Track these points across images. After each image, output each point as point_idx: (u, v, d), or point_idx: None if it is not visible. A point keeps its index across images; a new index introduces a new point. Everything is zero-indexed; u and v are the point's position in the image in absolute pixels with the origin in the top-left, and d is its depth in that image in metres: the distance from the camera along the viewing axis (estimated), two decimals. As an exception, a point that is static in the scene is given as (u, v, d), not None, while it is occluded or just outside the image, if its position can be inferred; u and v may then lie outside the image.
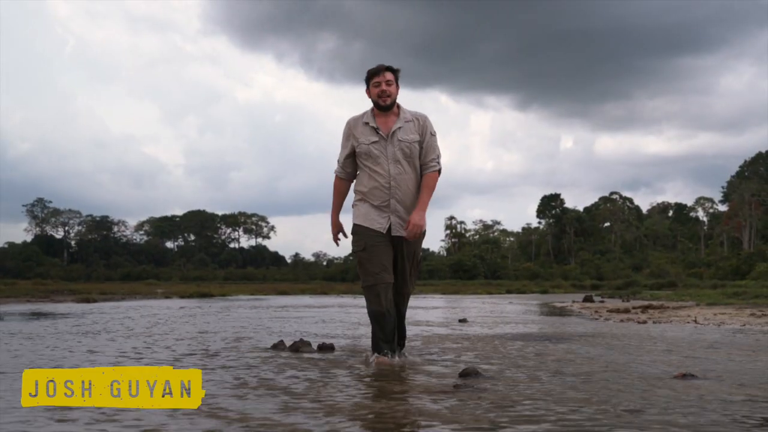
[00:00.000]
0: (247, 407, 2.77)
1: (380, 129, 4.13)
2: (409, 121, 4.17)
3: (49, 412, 2.63)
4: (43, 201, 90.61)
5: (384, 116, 4.17)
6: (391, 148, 4.11)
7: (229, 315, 11.02)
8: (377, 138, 4.13)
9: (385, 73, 4.14)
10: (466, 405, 2.79)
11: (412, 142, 4.13)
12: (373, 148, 4.12)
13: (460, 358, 4.57)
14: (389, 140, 4.11)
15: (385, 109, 4.14)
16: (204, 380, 3.39)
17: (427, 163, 4.19)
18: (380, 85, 4.12)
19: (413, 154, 4.14)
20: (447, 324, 8.70)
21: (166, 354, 4.82)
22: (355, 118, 4.25)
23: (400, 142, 4.11)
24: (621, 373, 3.81)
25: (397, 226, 4.13)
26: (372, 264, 4.10)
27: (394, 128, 4.12)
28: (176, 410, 2.63)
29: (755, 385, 3.42)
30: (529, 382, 3.49)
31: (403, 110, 4.22)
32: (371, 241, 4.12)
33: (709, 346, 5.60)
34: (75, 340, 5.95)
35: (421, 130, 4.17)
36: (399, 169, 4.11)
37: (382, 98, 4.12)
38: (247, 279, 69.44)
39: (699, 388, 3.25)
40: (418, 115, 4.22)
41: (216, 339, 6.08)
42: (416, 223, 4.08)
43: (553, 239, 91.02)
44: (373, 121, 4.16)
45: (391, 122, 4.16)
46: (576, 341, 5.95)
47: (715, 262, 60.93)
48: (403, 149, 4.11)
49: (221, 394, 3.10)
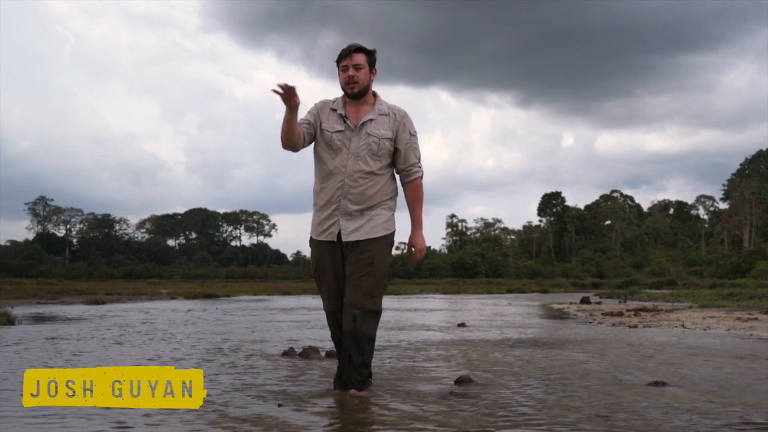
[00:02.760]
0: (259, 410, 3.17)
1: (349, 118, 3.58)
2: (384, 115, 3.62)
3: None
4: (45, 199, 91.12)
5: (355, 105, 3.62)
6: (356, 142, 3.56)
7: (237, 319, 11.43)
8: (343, 127, 3.58)
9: (354, 56, 3.53)
10: (459, 410, 3.19)
11: (383, 138, 3.57)
12: (336, 137, 3.57)
13: (457, 365, 4.98)
14: (356, 132, 3.56)
15: (353, 97, 3.57)
16: (223, 385, 3.80)
17: (408, 170, 3.67)
18: (347, 69, 3.54)
19: (381, 152, 3.57)
20: (446, 328, 9.10)
21: (182, 359, 5.23)
22: (325, 102, 3.70)
23: (369, 136, 3.56)
24: (600, 381, 4.20)
25: (348, 231, 3.56)
26: (323, 287, 3.68)
27: (365, 119, 3.57)
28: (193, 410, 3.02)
29: (721, 392, 3.80)
30: (518, 388, 3.88)
31: (380, 101, 3.66)
32: (322, 258, 3.64)
33: (691, 352, 5.98)
34: (114, 342, 6.35)
35: (396, 127, 3.62)
36: (358, 165, 3.54)
37: (348, 85, 3.54)
38: (248, 277, 69.90)
39: (668, 395, 3.65)
40: (395, 109, 3.66)
41: (230, 345, 6.48)
42: (421, 246, 3.68)
43: (554, 237, 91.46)
44: (343, 109, 3.61)
45: (363, 112, 3.60)
46: (565, 348, 6.33)
47: (715, 260, 61.22)
48: (371, 145, 3.55)
49: (245, 404, 3.49)
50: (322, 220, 3.62)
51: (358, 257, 3.54)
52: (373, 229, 3.57)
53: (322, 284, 3.67)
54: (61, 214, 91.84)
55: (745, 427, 2.90)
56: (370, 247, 3.54)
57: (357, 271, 3.53)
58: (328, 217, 3.59)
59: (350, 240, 3.55)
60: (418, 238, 3.68)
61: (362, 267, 3.52)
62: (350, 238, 3.55)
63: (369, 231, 3.56)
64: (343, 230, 3.55)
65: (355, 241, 3.55)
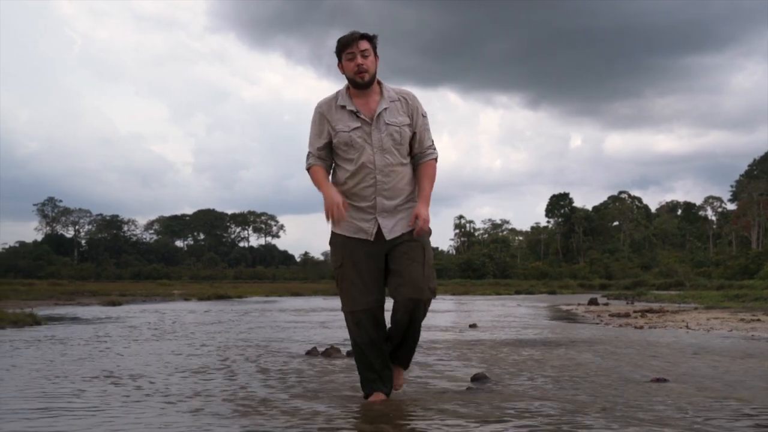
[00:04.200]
0: (301, 404, 3.52)
1: (361, 112, 3.42)
2: (395, 101, 3.47)
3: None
4: (53, 200, 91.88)
5: (363, 96, 3.44)
6: (377, 135, 3.40)
7: (256, 320, 11.79)
8: (359, 123, 3.41)
9: (360, 42, 3.38)
10: (477, 403, 3.52)
11: (402, 125, 3.43)
12: (355, 135, 3.39)
13: (471, 363, 5.32)
14: (374, 124, 3.40)
15: (364, 86, 3.41)
16: (257, 384, 4.16)
17: (424, 152, 3.55)
18: (355, 57, 3.38)
19: (403, 140, 3.44)
20: (459, 329, 9.44)
21: (215, 359, 5.59)
22: (327, 101, 3.50)
23: (389, 126, 3.41)
24: (606, 377, 4.54)
25: (388, 228, 3.44)
26: (349, 284, 3.47)
27: (379, 110, 3.41)
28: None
29: (716, 388, 4.13)
30: (530, 384, 4.22)
31: (386, 88, 3.51)
32: (351, 255, 3.46)
33: (693, 352, 6.30)
34: (158, 342, 6.73)
35: (411, 111, 3.49)
36: (387, 159, 3.40)
37: (359, 74, 3.37)
38: (257, 278, 70.39)
39: (667, 391, 3.97)
40: (403, 92, 3.53)
41: (258, 344, 6.84)
42: (424, 216, 3.42)
43: (562, 238, 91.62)
44: (351, 103, 3.43)
45: (374, 103, 3.44)
46: (574, 347, 6.66)
47: (723, 261, 61.30)
48: (393, 135, 3.41)
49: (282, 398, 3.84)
50: (353, 217, 3.43)
51: (407, 249, 3.43)
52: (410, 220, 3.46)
53: (349, 282, 3.45)
54: (69, 215, 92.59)
55: (738, 417, 3.22)
56: (416, 238, 3.45)
57: (410, 262, 3.42)
58: (362, 216, 3.43)
59: (394, 236, 3.43)
60: (423, 209, 3.44)
61: (414, 257, 3.43)
62: (394, 234, 3.43)
63: (407, 224, 3.45)
64: (384, 228, 3.41)
65: (399, 236, 3.44)
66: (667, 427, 2.96)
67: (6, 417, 3.22)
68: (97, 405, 3.52)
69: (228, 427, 2.96)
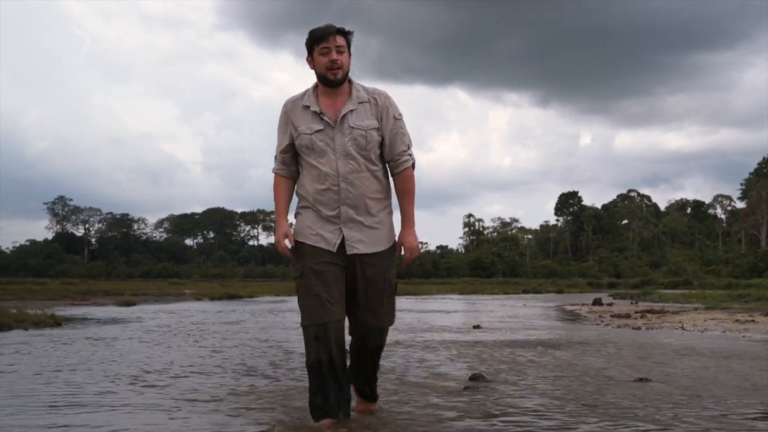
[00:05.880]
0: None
1: (325, 113, 3.18)
2: (363, 102, 3.22)
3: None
4: (64, 199, 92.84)
5: (331, 96, 3.21)
6: (340, 139, 3.17)
7: (269, 321, 12.22)
8: (321, 125, 3.18)
9: (336, 37, 3.15)
10: (473, 401, 3.91)
11: (369, 129, 3.18)
12: (316, 138, 3.17)
13: (471, 364, 5.70)
14: (338, 127, 3.17)
15: (335, 84, 3.17)
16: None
17: (397, 159, 3.28)
18: (329, 52, 3.13)
19: (370, 145, 3.19)
20: (462, 330, 9.83)
21: (236, 362, 6.01)
22: (293, 100, 3.29)
23: (353, 130, 3.17)
24: (594, 377, 4.91)
25: (353, 241, 3.19)
26: (308, 297, 3.18)
27: (344, 111, 3.18)
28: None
29: (695, 387, 4.49)
30: (522, 384, 4.60)
31: (356, 87, 3.25)
32: (312, 265, 3.18)
33: (681, 352, 6.65)
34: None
35: (380, 114, 3.23)
36: (351, 165, 3.17)
37: (332, 70, 3.13)
38: (266, 277, 70.86)
39: (648, 390, 4.34)
40: (375, 93, 3.27)
41: (277, 347, 7.25)
42: (412, 245, 3.27)
43: (571, 237, 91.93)
44: (316, 104, 3.21)
45: (340, 103, 3.20)
46: (569, 348, 7.03)
47: (732, 259, 61.46)
48: (357, 139, 3.16)
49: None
50: (314, 225, 3.22)
51: (369, 273, 3.22)
52: (379, 239, 3.25)
53: (311, 294, 3.16)
54: (79, 214, 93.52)
55: (702, 414, 3.58)
56: (380, 262, 3.24)
57: (370, 288, 3.23)
58: (325, 225, 3.20)
59: (355, 252, 3.19)
60: (409, 236, 3.29)
61: (374, 282, 3.23)
62: (356, 250, 3.19)
63: (375, 242, 3.24)
64: (348, 240, 3.18)
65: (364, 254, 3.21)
66: (638, 421, 3.34)
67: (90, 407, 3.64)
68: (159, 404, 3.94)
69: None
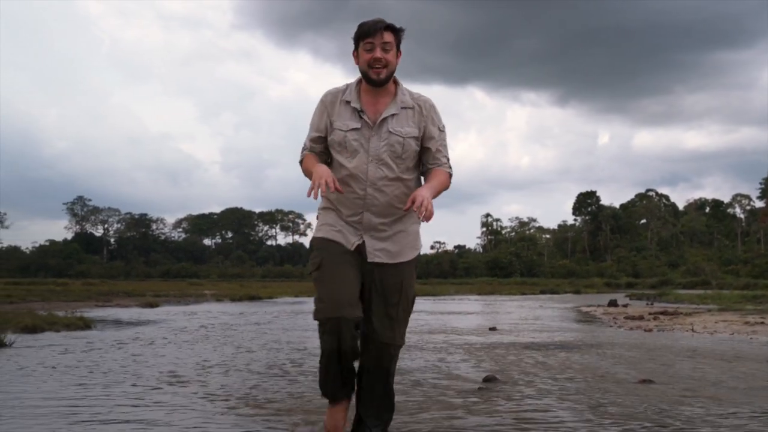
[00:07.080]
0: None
1: (365, 112, 3.00)
2: (407, 108, 3.02)
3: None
4: (83, 199, 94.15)
5: (373, 95, 3.01)
6: (376, 142, 2.97)
7: (291, 323, 12.60)
8: (359, 124, 2.99)
9: (384, 33, 2.94)
10: (486, 401, 4.23)
11: (407, 137, 2.99)
12: (350, 137, 2.98)
13: (486, 365, 6.02)
14: (375, 130, 2.98)
15: (378, 84, 2.97)
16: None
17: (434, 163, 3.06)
18: (374, 49, 2.94)
19: (406, 153, 3.00)
20: (478, 332, 10.14)
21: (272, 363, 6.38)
22: (334, 93, 3.08)
23: (391, 135, 2.97)
24: (600, 378, 5.22)
25: (373, 249, 3.03)
26: (326, 288, 2.96)
27: (386, 114, 2.99)
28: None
29: (695, 388, 4.78)
30: (532, 385, 4.91)
31: (402, 90, 3.06)
32: (330, 258, 3.01)
33: (687, 354, 6.93)
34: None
35: (423, 123, 3.03)
36: (382, 172, 2.97)
37: (374, 69, 2.94)
38: (284, 276, 71.46)
39: (650, 390, 4.64)
40: (421, 99, 3.07)
41: (298, 351, 7.61)
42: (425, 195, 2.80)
43: (589, 236, 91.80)
44: (357, 100, 3.01)
45: (382, 105, 3.01)
46: (580, 350, 7.33)
47: (751, 259, 61.21)
48: (393, 146, 2.97)
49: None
50: (336, 224, 3.07)
51: (385, 282, 3.05)
52: (402, 250, 3.09)
53: (324, 286, 2.96)
54: (98, 214, 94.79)
55: (701, 409, 3.88)
56: (399, 272, 3.08)
57: (385, 300, 3.06)
58: (347, 227, 3.05)
59: (375, 261, 3.03)
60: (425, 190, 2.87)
61: (391, 294, 3.06)
62: (375, 259, 3.03)
63: (398, 252, 3.08)
64: (369, 247, 3.02)
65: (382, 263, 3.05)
66: (634, 420, 3.65)
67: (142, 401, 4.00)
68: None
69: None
